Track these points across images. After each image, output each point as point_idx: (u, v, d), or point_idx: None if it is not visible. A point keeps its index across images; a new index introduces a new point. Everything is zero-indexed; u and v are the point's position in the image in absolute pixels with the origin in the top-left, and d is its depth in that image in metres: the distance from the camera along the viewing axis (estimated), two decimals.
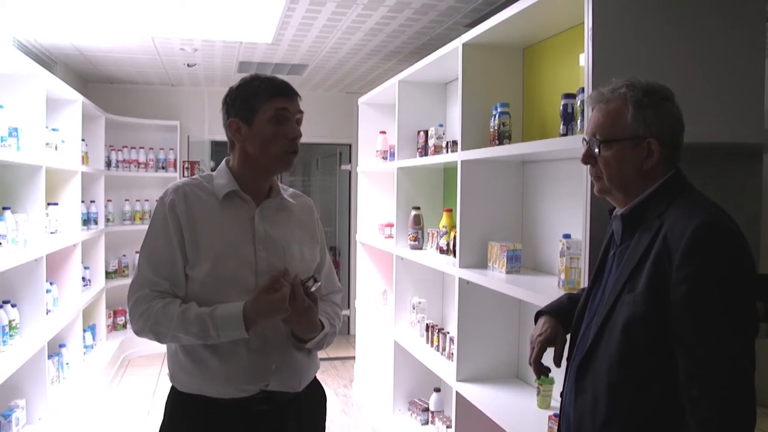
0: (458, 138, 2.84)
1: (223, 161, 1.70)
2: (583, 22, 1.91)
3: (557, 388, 2.34)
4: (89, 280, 4.86)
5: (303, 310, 1.56)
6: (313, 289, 1.59)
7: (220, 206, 1.63)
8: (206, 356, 1.58)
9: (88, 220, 4.80)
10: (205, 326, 1.51)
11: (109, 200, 5.43)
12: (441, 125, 3.42)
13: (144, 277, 1.58)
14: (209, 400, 1.58)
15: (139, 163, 5.78)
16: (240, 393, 1.58)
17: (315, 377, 1.76)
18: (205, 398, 1.58)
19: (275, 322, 1.57)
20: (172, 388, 1.66)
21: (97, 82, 5.89)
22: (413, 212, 3.59)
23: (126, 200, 5.79)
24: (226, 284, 1.57)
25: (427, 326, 3.45)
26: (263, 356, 1.59)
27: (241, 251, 1.60)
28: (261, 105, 1.59)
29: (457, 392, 2.82)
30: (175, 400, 1.64)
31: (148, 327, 1.55)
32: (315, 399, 1.76)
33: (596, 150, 1.39)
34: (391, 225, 3.99)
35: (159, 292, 1.57)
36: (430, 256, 3.26)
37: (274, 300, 1.50)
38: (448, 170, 3.74)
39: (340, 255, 7.32)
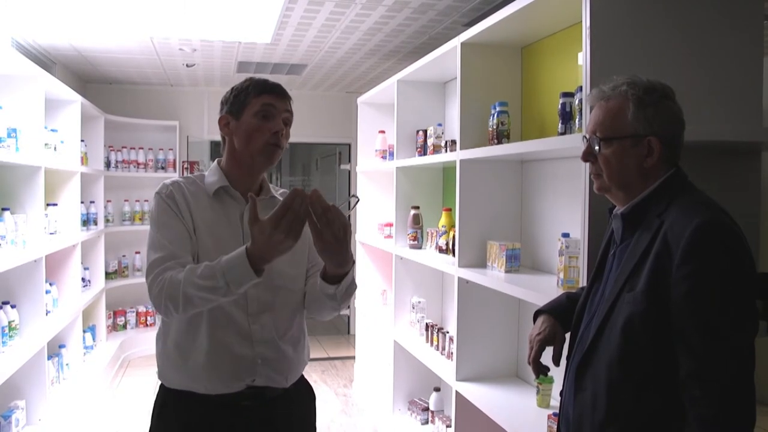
0: (457, 137, 2.84)
1: (215, 160, 1.73)
2: (581, 21, 1.91)
3: (557, 387, 2.35)
4: (89, 281, 4.86)
5: (329, 228, 1.38)
6: (351, 208, 1.48)
7: (210, 203, 1.65)
8: (194, 352, 1.58)
9: (87, 221, 4.80)
10: (213, 274, 1.41)
11: (108, 201, 5.43)
12: (440, 124, 3.42)
13: (165, 251, 1.51)
14: (197, 397, 1.59)
15: (138, 164, 5.78)
16: (227, 389, 1.59)
17: (302, 375, 1.76)
18: (193, 395, 1.59)
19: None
20: (161, 386, 1.66)
21: (96, 83, 5.89)
22: (412, 212, 3.59)
23: (125, 201, 5.79)
24: None
25: (427, 326, 3.45)
26: (250, 351, 1.59)
27: (229, 247, 1.58)
28: (250, 100, 1.62)
29: (456, 392, 2.82)
30: (164, 398, 1.65)
31: (163, 294, 1.45)
32: (304, 396, 1.77)
33: (596, 148, 1.39)
34: (390, 224, 3.99)
35: (182, 265, 1.49)
36: (429, 256, 3.26)
37: (264, 225, 1.36)
38: (447, 170, 3.74)
39: None
